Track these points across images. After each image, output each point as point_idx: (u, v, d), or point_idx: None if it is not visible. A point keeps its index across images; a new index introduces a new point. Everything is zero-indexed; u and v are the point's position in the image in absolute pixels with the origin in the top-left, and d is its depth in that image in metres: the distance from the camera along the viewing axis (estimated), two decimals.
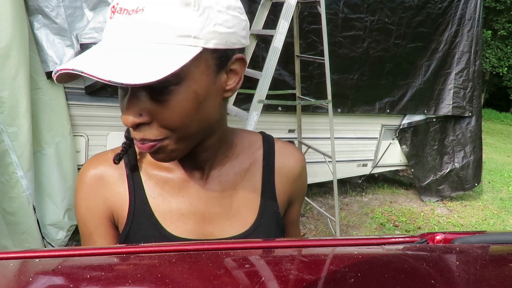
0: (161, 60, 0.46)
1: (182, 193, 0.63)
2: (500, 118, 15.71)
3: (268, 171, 0.68)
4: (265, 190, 0.67)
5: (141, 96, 0.50)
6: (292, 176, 0.70)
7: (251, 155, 0.68)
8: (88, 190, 0.63)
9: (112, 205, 0.63)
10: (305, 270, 0.39)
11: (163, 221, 0.62)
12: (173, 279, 0.36)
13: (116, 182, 0.63)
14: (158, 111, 0.50)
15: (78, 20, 2.18)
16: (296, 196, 0.73)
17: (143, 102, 0.50)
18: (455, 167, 4.38)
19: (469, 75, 4.10)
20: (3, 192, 2.15)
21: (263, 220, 0.66)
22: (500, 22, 15.46)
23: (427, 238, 0.50)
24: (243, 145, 0.68)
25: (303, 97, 3.10)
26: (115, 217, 0.64)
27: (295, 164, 0.70)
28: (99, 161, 0.64)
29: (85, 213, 0.64)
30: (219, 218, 0.64)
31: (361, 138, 3.97)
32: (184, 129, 0.53)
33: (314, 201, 3.86)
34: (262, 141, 0.70)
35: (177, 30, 0.47)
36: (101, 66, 0.46)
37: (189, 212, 0.63)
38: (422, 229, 3.75)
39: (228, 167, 0.66)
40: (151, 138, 0.52)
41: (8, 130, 2.06)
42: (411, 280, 0.37)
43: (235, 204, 0.65)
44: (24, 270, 0.38)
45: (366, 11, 3.32)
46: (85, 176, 0.63)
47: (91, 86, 2.38)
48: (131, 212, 0.62)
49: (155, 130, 0.51)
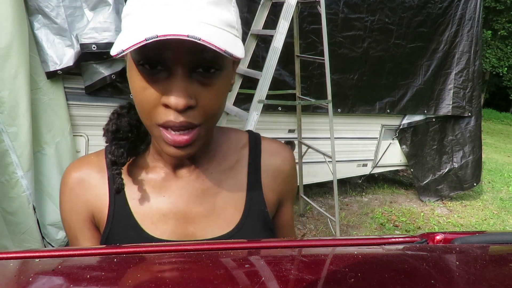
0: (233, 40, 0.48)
1: (163, 192, 0.62)
2: (500, 118, 15.71)
3: (254, 169, 0.66)
4: (251, 189, 0.65)
5: (190, 79, 0.49)
6: (280, 175, 0.69)
7: (237, 153, 0.67)
8: (70, 193, 0.63)
9: (93, 208, 0.63)
10: (305, 270, 0.39)
11: (143, 222, 0.61)
12: (173, 279, 0.36)
13: (97, 184, 0.62)
14: (205, 95, 0.50)
15: (78, 20, 2.17)
16: (286, 195, 0.71)
17: (192, 85, 0.49)
18: (454, 167, 4.38)
19: (469, 75, 4.10)
20: (3, 192, 2.15)
21: (248, 219, 0.64)
22: (500, 22, 15.46)
23: (427, 238, 0.50)
24: (229, 143, 0.67)
25: (303, 97, 3.10)
26: (96, 220, 0.63)
27: (282, 162, 0.69)
28: (82, 164, 0.64)
29: (69, 216, 0.63)
30: (201, 218, 0.63)
31: (361, 138, 3.97)
32: (217, 116, 0.54)
33: (314, 201, 3.86)
34: (248, 140, 0.69)
35: (226, 19, 0.49)
36: (203, 36, 0.44)
37: (170, 212, 0.62)
38: (422, 229, 3.75)
39: (212, 165, 0.64)
40: (193, 122, 0.50)
41: (8, 130, 2.06)
42: (411, 280, 0.37)
43: (219, 203, 0.63)
44: (24, 270, 0.38)
45: (366, 11, 3.32)
46: (67, 179, 0.63)
47: (91, 86, 2.37)
48: (111, 214, 0.61)
49: (198, 114, 0.51)
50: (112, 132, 0.62)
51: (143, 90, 0.50)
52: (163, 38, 0.42)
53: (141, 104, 0.51)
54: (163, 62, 0.48)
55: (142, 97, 0.50)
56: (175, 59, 0.48)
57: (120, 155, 0.60)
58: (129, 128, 0.62)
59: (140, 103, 0.51)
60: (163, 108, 0.50)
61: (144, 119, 0.53)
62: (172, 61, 0.48)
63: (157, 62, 0.48)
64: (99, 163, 0.63)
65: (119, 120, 0.62)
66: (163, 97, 0.49)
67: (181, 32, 0.43)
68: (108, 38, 2.16)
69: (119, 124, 0.62)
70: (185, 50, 0.47)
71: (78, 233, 0.63)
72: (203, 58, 0.48)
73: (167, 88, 0.49)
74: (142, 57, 0.48)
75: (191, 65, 0.49)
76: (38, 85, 2.20)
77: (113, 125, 0.62)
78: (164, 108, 0.50)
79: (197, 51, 0.47)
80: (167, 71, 0.49)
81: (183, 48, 0.47)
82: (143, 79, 0.49)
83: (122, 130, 0.62)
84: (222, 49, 0.44)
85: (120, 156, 0.60)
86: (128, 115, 0.63)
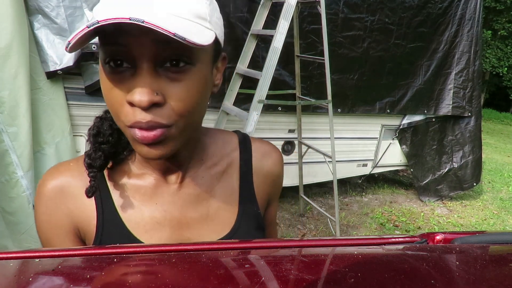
0: (195, 29, 0.45)
1: (155, 200, 0.60)
2: (500, 118, 15.71)
3: (245, 171, 0.66)
4: (243, 192, 0.65)
5: (157, 75, 0.46)
6: (271, 176, 0.69)
7: (227, 156, 0.66)
8: (48, 204, 0.57)
9: (77, 219, 0.58)
10: (305, 270, 0.39)
11: (136, 231, 0.58)
12: (173, 279, 0.36)
13: (80, 193, 0.57)
14: (174, 91, 0.47)
15: (78, 20, 2.18)
16: (274, 195, 0.72)
17: (159, 81, 0.46)
18: (453, 166, 4.38)
19: (469, 75, 4.10)
20: (3, 192, 2.15)
21: (243, 222, 0.63)
22: (500, 22, 15.46)
23: (427, 238, 0.50)
24: (217, 146, 0.66)
25: (303, 97, 3.10)
26: (82, 232, 0.59)
27: (273, 163, 0.69)
28: (60, 171, 0.59)
29: (47, 229, 0.58)
30: (196, 223, 0.61)
31: (361, 138, 3.97)
32: (191, 116, 0.50)
33: (314, 201, 3.86)
34: (238, 141, 0.68)
35: (195, 10, 0.47)
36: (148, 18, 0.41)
37: (164, 219, 0.60)
38: (422, 229, 3.75)
39: (203, 170, 0.63)
40: (162, 122, 0.47)
41: (8, 130, 2.06)
42: (411, 280, 0.37)
43: (212, 207, 0.62)
44: (24, 270, 0.38)
45: (366, 11, 3.32)
46: (44, 188, 0.58)
47: (91, 86, 2.38)
48: (100, 225, 0.58)
49: (166, 113, 0.47)
50: (93, 135, 0.59)
51: (110, 90, 0.48)
52: (104, 23, 0.40)
53: (110, 105, 0.49)
54: (126, 58, 0.46)
55: (110, 97, 0.48)
56: (138, 53, 0.45)
57: (98, 158, 0.57)
58: (110, 131, 0.59)
59: (109, 104, 0.49)
60: (130, 107, 0.47)
61: (116, 121, 0.50)
62: (133, 55, 0.45)
63: (121, 60, 0.46)
64: (80, 170, 0.59)
65: (100, 123, 0.60)
66: (128, 95, 0.46)
67: (122, 15, 0.40)
68: None
69: (101, 127, 0.60)
70: (147, 42, 0.44)
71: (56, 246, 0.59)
72: (168, 49, 0.45)
73: (131, 85, 0.46)
74: (105, 56, 0.46)
75: (157, 59, 0.46)
76: (38, 85, 2.20)
77: (94, 128, 0.60)
78: (131, 107, 0.47)
79: (160, 42, 0.44)
80: (133, 68, 0.46)
81: (144, 40, 0.44)
82: (109, 78, 0.47)
83: (103, 134, 0.59)
84: (171, 31, 0.40)
85: (97, 158, 0.57)
86: (111, 119, 0.60)
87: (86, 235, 0.59)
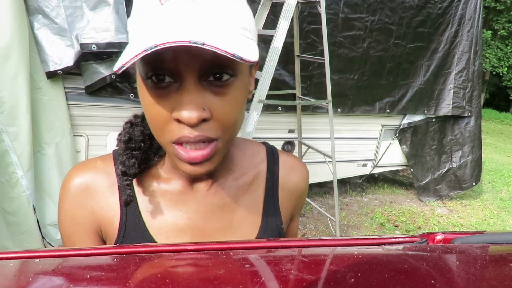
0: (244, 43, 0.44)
1: (179, 206, 0.59)
2: (500, 118, 15.72)
3: (271, 185, 0.64)
4: (268, 205, 0.64)
5: (202, 89, 0.45)
6: (297, 192, 0.67)
7: (254, 168, 0.64)
8: (73, 201, 0.57)
9: (100, 218, 0.58)
10: (305, 270, 0.39)
11: (157, 236, 0.58)
12: (173, 279, 0.36)
13: (105, 193, 0.57)
14: (219, 105, 0.46)
15: (78, 20, 2.18)
16: (297, 210, 0.70)
17: (204, 95, 0.45)
18: (452, 166, 4.38)
19: (469, 75, 4.11)
20: (3, 192, 2.15)
21: (265, 236, 0.62)
22: (500, 22, 15.47)
23: (427, 238, 0.50)
24: (245, 157, 0.65)
25: (303, 97, 3.10)
26: (103, 231, 0.59)
27: (299, 179, 0.68)
28: (86, 169, 0.58)
29: (70, 226, 0.58)
30: (218, 233, 0.60)
31: (361, 138, 3.97)
32: (234, 127, 0.50)
33: (314, 201, 3.86)
34: (266, 153, 0.67)
35: (239, 21, 0.46)
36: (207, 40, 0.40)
37: (187, 227, 0.59)
38: (422, 229, 3.75)
39: (230, 180, 0.62)
40: (209, 135, 0.46)
41: (8, 130, 2.06)
42: (411, 280, 0.37)
43: (236, 219, 0.61)
44: (24, 270, 0.38)
45: (366, 11, 3.32)
46: (70, 185, 0.57)
47: (91, 86, 2.38)
48: (122, 227, 0.57)
49: (213, 127, 0.47)
50: (124, 141, 0.58)
51: (152, 106, 0.46)
52: (163, 47, 0.39)
53: (153, 121, 0.48)
54: (170, 73, 0.45)
55: (153, 113, 0.47)
56: (183, 69, 0.44)
57: (131, 166, 0.56)
58: (142, 137, 0.59)
59: (151, 120, 0.48)
60: (176, 123, 0.46)
61: (157, 136, 0.49)
62: (179, 71, 0.44)
63: (164, 74, 0.45)
64: (107, 170, 0.59)
65: (131, 129, 0.59)
66: (174, 112, 0.45)
67: (182, 38, 0.39)
68: (108, 38, 2.16)
69: (132, 134, 0.59)
70: (192, 57, 0.43)
71: (78, 244, 0.59)
72: (213, 64, 0.45)
73: (177, 102, 0.45)
74: (147, 70, 0.45)
75: (201, 74, 0.45)
76: (38, 85, 2.20)
77: (125, 134, 0.58)
78: (177, 123, 0.46)
79: (205, 57, 0.43)
80: (176, 83, 0.45)
81: (190, 55, 0.43)
82: (152, 94, 0.46)
83: (135, 140, 0.58)
84: (230, 52, 0.40)
85: (131, 166, 0.56)
86: (142, 124, 0.59)
87: (107, 235, 0.59)
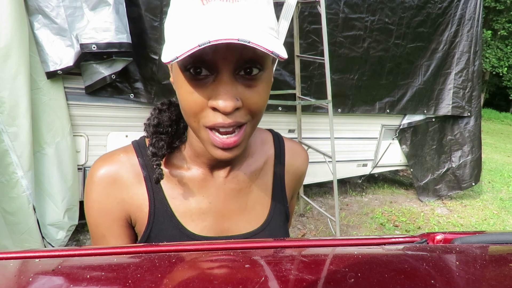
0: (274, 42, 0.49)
1: (202, 192, 0.66)
2: (500, 118, 15.72)
3: (279, 169, 0.72)
4: (276, 187, 0.71)
5: (235, 81, 0.51)
6: (298, 174, 0.76)
7: (264, 154, 0.72)
8: (101, 192, 0.62)
9: (129, 207, 0.63)
10: (305, 270, 0.39)
11: (183, 220, 0.64)
12: (173, 278, 0.36)
13: (132, 183, 0.63)
14: (249, 95, 0.52)
15: (78, 20, 2.18)
16: (297, 190, 0.79)
17: (237, 87, 0.51)
18: (451, 166, 4.38)
19: (469, 75, 4.11)
20: (3, 192, 2.15)
21: (274, 216, 0.70)
22: (500, 22, 15.47)
23: (427, 238, 0.50)
24: (256, 144, 0.72)
25: (303, 97, 3.10)
26: (133, 218, 0.65)
27: (301, 163, 0.76)
28: (112, 161, 0.64)
29: (98, 215, 0.63)
30: (235, 215, 0.68)
31: (361, 138, 3.97)
32: (260, 114, 0.56)
33: (314, 201, 3.86)
34: (273, 140, 0.74)
35: (268, 22, 0.51)
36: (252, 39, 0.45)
37: (209, 210, 0.66)
38: (422, 229, 3.75)
39: (245, 166, 0.69)
40: (241, 120, 0.53)
41: (8, 130, 2.06)
42: (411, 280, 0.37)
43: (250, 201, 0.69)
44: (24, 270, 0.38)
45: (366, 11, 3.32)
46: (97, 176, 0.62)
47: (91, 86, 2.38)
48: (152, 213, 0.63)
49: (244, 114, 0.53)
50: (153, 126, 0.64)
51: (190, 94, 0.52)
52: (216, 43, 0.44)
53: (189, 107, 0.53)
54: (208, 65, 0.50)
55: (190, 100, 0.52)
56: (220, 63, 0.50)
57: (161, 147, 0.63)
58: (169, 122, 0.65)
59: (188, 107, 0.53)
60: (211, 111, 0.51)
61: (192, 122, 0.54)
62: (217, 65, 0.50)
63: (201, 67, 0.50)
64: (131, 161, 0.64)
65: (160, 114, 0.65)
66: (211, 101, 0.51)
67: (232, 36, 0.44)
68: (108, 38, 2.16)
69: (160, 119, 0.65)
70: (230, 53, 0.49)
71: (106, 231, 0.64)
72: (246, 60, 0.50)
73: (214, 92, 0.51)
74: (188, 63, 0.50)
75: (235, 68, 0.51)
76: (38, 85, 2.20)
77: (154, 119, 0.64)
78: (212, 111, 0.51)
79: (241, 53, 0.49)
80: (213, 75, 0.51)
81: (229, 51, 0.49)
82: (190, 83, 0.51)
83: (163, 124, 0.64)
84: (270, 50, 0.45)
85: (161, 148, 0.63)
86: (169, 111, 0.66)
87: (137, 221, 0.65)
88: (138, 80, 2.55)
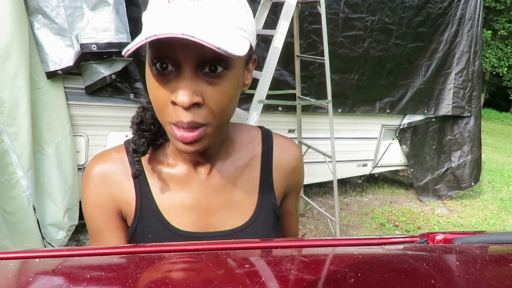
0: (235, 40, 0.51)
1: (185, 188, 0.67)
2: (500, 118, 15.72)
3: (266, 166, 0.72)
4: (263, 184, 0.71)
5: (197, 78, 0.52)
6: (288, 170, 0.74)
7: (251, 151, 0.72)
8: (94, 188, 0.66)
9: (119, 202, 0.66)
10: (305, 270, 0.39)
11: (168, 215, 0.66)
12: (173, 278, 0.36)
13: (122, 180, 0.66)
14: (211, 93, 0.53)
15: (78, 20, 2.18)
16: (292, 188, 0.77)
17: (198, 84, 0.52)
18: (451, 166, 4.38)
19: (469, 75, 4.10)
20: (3, 192, 2.15)
21: (261, 212, 0.70)
22: (500, 22, 15.47)
23: (427, 238, 0.50)
24: (243, 141, 0.72)
25: (303, 97, 3.10)
26: (123, 212, 0.68)
27: (291, 158, 0.74)
28: (104, 160, 0.67)
29: (93, 210, 0.66)
30: (220, 211, 0.68)
31: (361, 138, 3.97)
32: (224, 115, 0.57)
33: (314, 201, 3.86)
34: (261, 137, 0.74)
35: (235, 21, 0.53)
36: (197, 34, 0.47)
37: (193, 206, 0.67)
38: (422, 229, 3.75)
39: (229, 163, 0.69)
40: (200, 121, 0.54)
41: (8, 130, 2.06)
42: (411, 280, 0.37)
43: (235, 197, 0.69)
44: (24, 270, 0.38)
45: (366, 11, 3.32)
46: (91, 174, 0.66)
47: (91, 86, 2.38)
48: (138, 208, 0.66)
49: (204, 113, 0.54)
50: (136, 124, 0.66)
51: (156, 90, 0.54)
52: (160, 37, 0.46)
53: (154, 102, 0.55)
54: (171, 61, 0.52)
55: (155, 96, 0.54)
56: (182, 59, 0.51)
57: (142, 144, 0.65)
58: (152, 120, 0.67)
59: (154, 102, 0.55)
60: (173, 106, 0.53)
61: (158, 117, 0.57)
62: (179, 60, 0.51)
63: (166, 62, 0.52)
64: (122, 159, 0.67)
65: (143, 113, 0.67)
66: (171, 95, 0.53)
67: (176, 31, 0.46)
68: (108, 38, 2.16)
69: (143, 117, 0.67)
70: (189, 50, 0.50)
71: (101, 224, 0.67)
72: (208, 57, 0.51)
73: (175, 87, 0.52)
74: (153, 57, 0.52)
75: (197, 64, 0.52)
76: (38, 85, 2.20)
77: (138, 117, 0.67)
78: (173, 106, 0.53)
79: (201, 51, 0.50)
80: (176, 71, 0.52)
81: (187, 48, 0.50)
82: (156, 79, 0.53)
83: (146, 122, 0.66)
84: (216, 46, 0.46)
85: (141, 145, 0.65)
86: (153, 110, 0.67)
87: (127, 215, 0.68)
88: (138, 80, 2.55)
